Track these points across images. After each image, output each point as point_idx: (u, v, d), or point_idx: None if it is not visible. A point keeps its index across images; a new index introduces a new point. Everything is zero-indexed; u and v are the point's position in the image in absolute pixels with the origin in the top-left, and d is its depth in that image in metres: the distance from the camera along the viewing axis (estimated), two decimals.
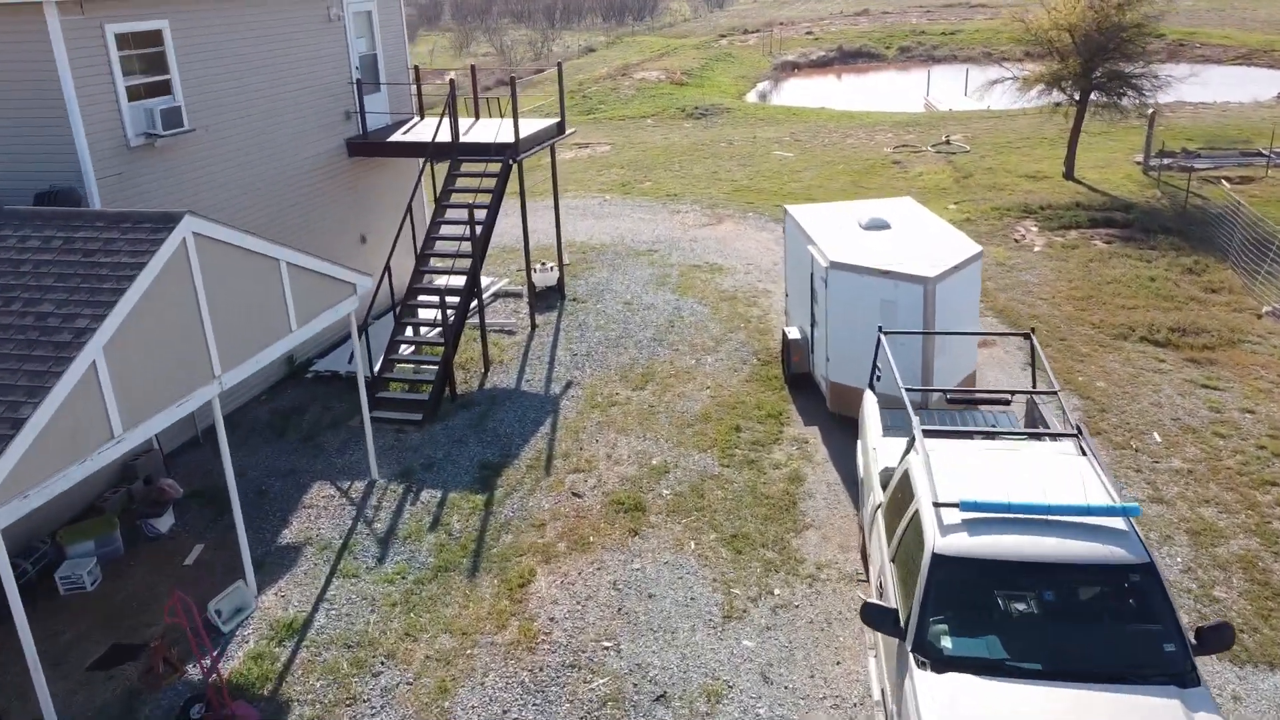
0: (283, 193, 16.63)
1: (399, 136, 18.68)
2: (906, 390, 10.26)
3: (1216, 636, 7.48)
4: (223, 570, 11.88)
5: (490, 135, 17.95)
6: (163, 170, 14.00)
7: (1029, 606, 7.70)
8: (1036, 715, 7.05)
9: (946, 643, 7.59)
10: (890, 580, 8.64)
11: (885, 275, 13.23)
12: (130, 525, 12.68)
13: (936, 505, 8.16)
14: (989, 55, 52.45)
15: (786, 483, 13.15)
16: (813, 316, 14.91)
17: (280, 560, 12.03)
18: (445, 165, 18.00)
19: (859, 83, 52.21)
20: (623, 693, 9.67)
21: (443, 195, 17.52)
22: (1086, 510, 7.81)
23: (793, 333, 15.78)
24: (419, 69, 20.28)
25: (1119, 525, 7.87)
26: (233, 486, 11.02)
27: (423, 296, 16.95)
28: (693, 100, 43.92)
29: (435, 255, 17.20)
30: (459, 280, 17.09)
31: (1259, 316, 17.84)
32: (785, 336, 15.87)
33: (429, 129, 18.69)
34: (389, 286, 17.24)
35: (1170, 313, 17.99)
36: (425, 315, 17.78)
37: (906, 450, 9.48)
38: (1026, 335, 11.64)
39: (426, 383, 15.95)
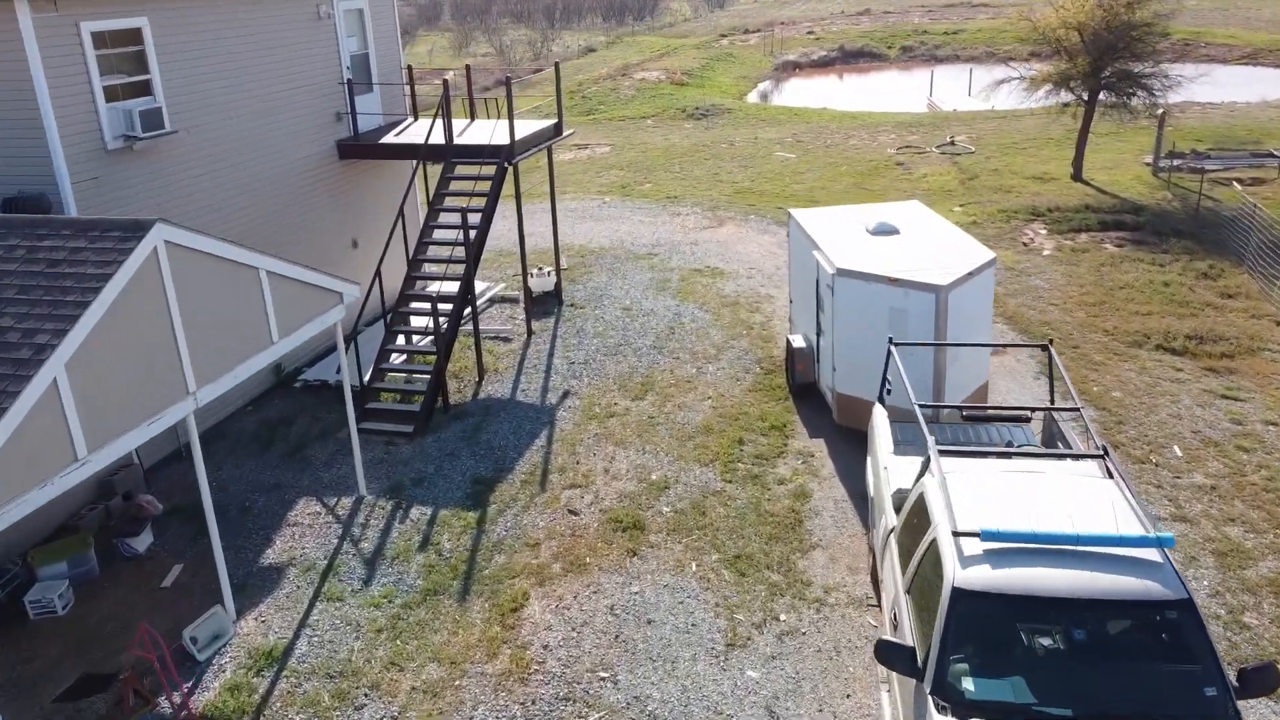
0: (271, 197, 16.09)
1: (392, 138, 18.14)
2: (919, 406, 9.72)
3: (1260, 678, 6.90)
4: (202, 593, 11.33)
5: (485, 137, 17.41)
6: (143, 174, 13.45)
7: (1057, 645, 7.14)
8: None
9: (968, 684, 7.04)
10: (905, 614, 8.09)
11: (895, 283, 12.69)
12: (107, 544, 12.15)
13: (956, 534, 7.61)
14: (992, 55, 51.96)
15: (792, 499, 12.60)
16: (818, 325, 14.36)
17: (262, 582, 11.49)
18: (440, 168, 17.46)
19: (861, 83, 51.68)
20: None
21: (436, 199, 16.98)
22: (1118, 541, 7.25)
23: (797, 341, 15.24)
24: (412, 69, 19.75)
25: (1153, 557, 7.32)
26: (209, 508, 10.46)
27: (415, 303, 16.41)
28: (693, 100, 43.36)
29: (428, 260, 16.66)
30: (452, 286, 16.54)
31: (1279, 324, 17.28)
32: (790, 345, 15.33)
33: (423, 130, 18.15)
34: (380, 293, 16.70)
35: (1186, 319, 17.43)
36: (417, 322, 17.23)
37: (921, 471, 8.93)
38: (1044, 346, 11.09)
39: (418, 393, 15.41)
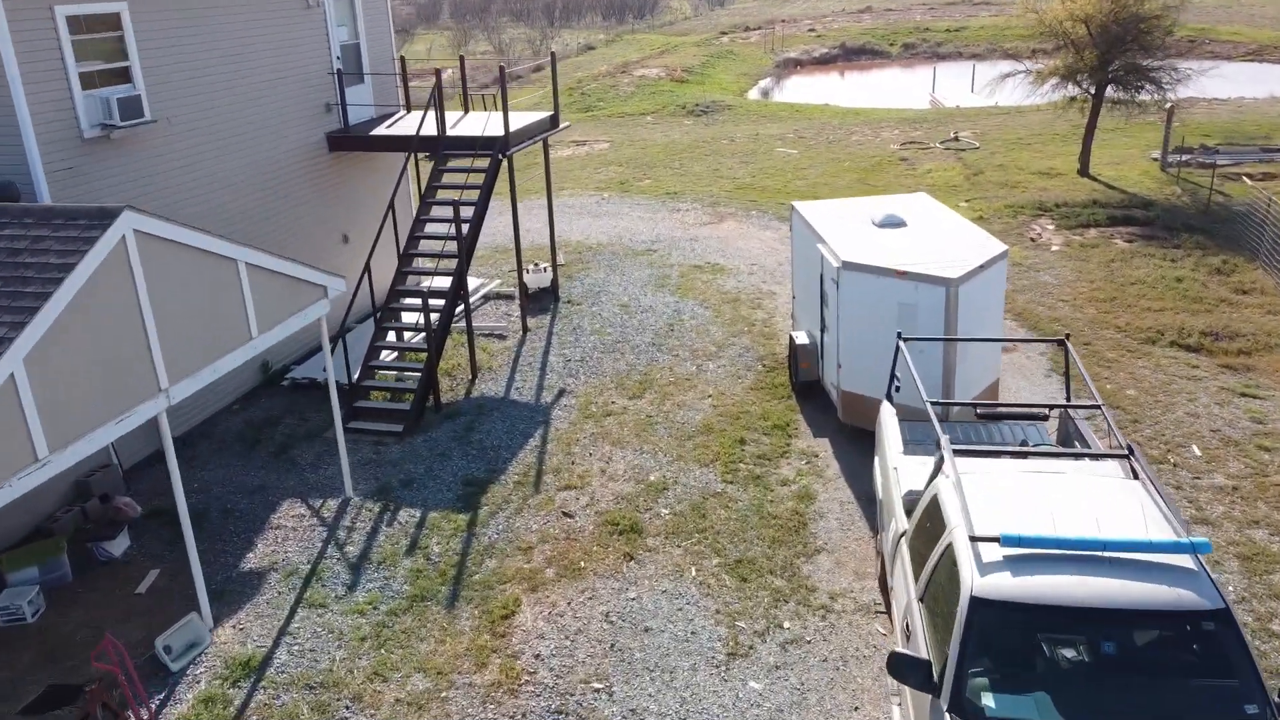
0: (257, 190, 15.58)
1: (383, 130, 17.64)
2: (931, 404, 9.22)
3: None
4: (180, 599, 10.83)
5: (480, 129, 16.91)
6: (121, 164, 12.96)
7: (1084, 659, 6.64)
8: None
9: (988, 701, 6.54)
10: (919, 623, 7.59)
11: (904, 276, 12.18)
12: (82, 548, 11.65)
13: (974, 539, 7.11)
14: (994, 51, 51.45)
15: (795, 501, 12.10)
16: (823, 320, 13.86)
17: (242, 588, 10.99)
18: (432, 161, 16.97)
19: (862, 80, 51.16)
20: None
21: (428, 192, 16.49)
22: (1148, 546, 6.75)
23: (800, 338, 14.74)
24: (405, 59, 19.26)
25: (1187, 564, 6.82)
26: (183, 510, 9.96)
27: (406, 299, 15.91)
28: (693, 97, 42.85)
29: (420, 255, 16.16)
30: (445, 282, 16.05)
31: None
32: (792, 341, 14.83)
33: (415, 123, 17.65)
34: (370, 289, 16.20)
35: (1201, 315, 16.93)
36: (408, 319, 16.74)
37: (934, 472, 8.43)
38: (1061, 342, 10.59)
39: (409, 391, 14.92)
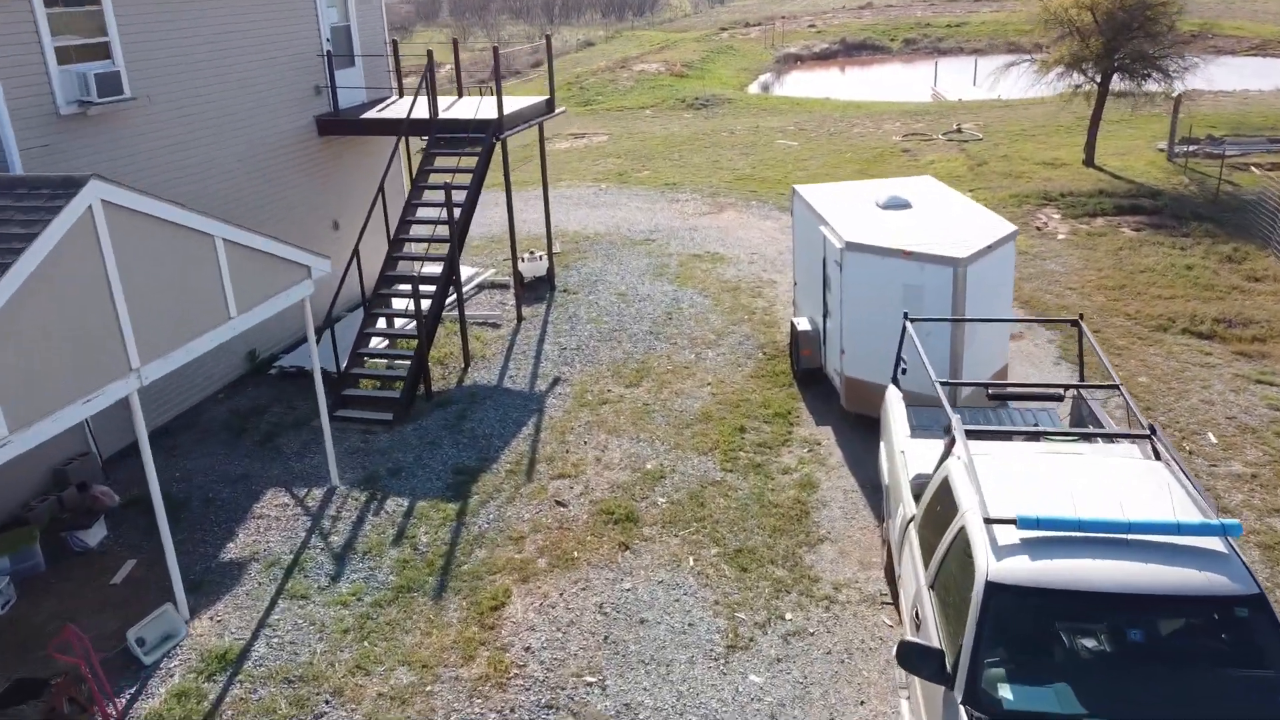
0: (244, 173, 15.15)
1: (374, 114, 17.21)
2: (940, 384, 8.79)
3: None
4: (156, 590, 10.40)
5: (472, 112, 16.48)
6: (99, 143, 12.51)
7: (1108, 648, 6.21)
8: None
9: (1005, 693, 6.11)
10: (929, 612, 7.15)
11: (909, 257, 11.75)
12: (56, 538, 11.22)
13: (989, 522, 6.67)
14: (996, 46, 51.02)
15: (797, 490, 11.66)
16: (825, 305, 13.43)
17: (221, 579, 10.55)
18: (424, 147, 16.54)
19: (863, 75, 50.71)
20: None
21: (419, 176, 16.06)
22: (1176, 528, 6.32)
23: (802, 324, 14.31)
24: (397, 43, 18.83)
25: (1217, 546, 6.39)
26: (156, 495, 9.52)
27: (396, 285, 15.47)
28: (693, 91, 42.42)
29: (411, 240, 15.73)
30: (437, 268, 15.62)
31: None
32: (794, 328, 14.40)
33: (407, 107, 17.21)
34: (359, 277, 15.77)
35: (1212, 303, 16.49)
36: (399, 305, 16.31)
37: (945, 454, 8.00)
38: (1074, 322, 10.16)
39: (398, 379, 14.48)
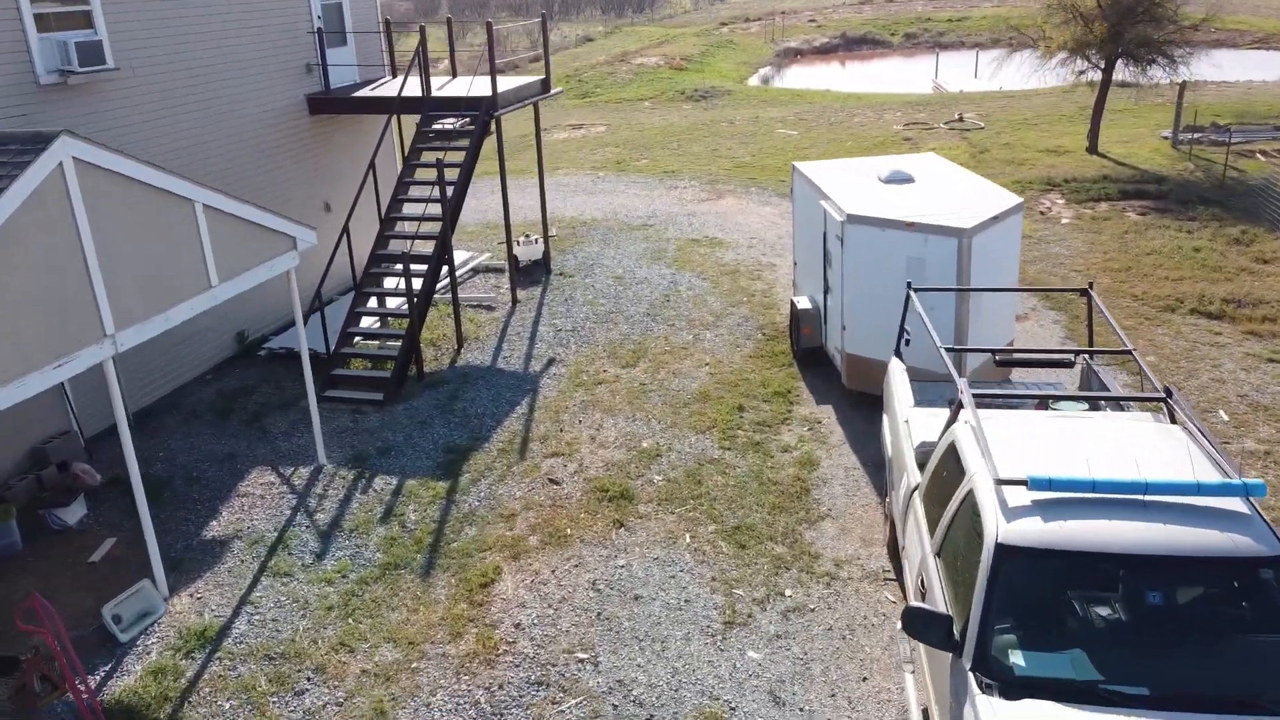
0: (232, 151, 14.82)
1: (366, 92, 16.89)
2: (946, 350, 8.47)
3: None
4: (136, 568, 10.08)
5: (465, 90, 16.16)
6: (80, 114, 12.18)
7: (1123, 613, 5.89)
8: None
9: (1018, 659, 5.79)
10: (935, 580, 6.83)
11: (912, 229, 11.43)
12: (34, 515, 10.90)
13: (999, 483, 6.35)
14: (997, 40, 50.69)
15: (797, 468, 11.34)
16: (826, 282, 13.11)
17: (202, 556, 10.23)
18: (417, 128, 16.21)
19: (863, 69, 50.38)
20: (600, 716, 7.88)
21: (412, 154, 15.74)
22: (1196, 489, 6.00)
23: (802, 302, 13.99)
24: (390, 21, 18.51)
25: (1239, 507, 6.07)
26: (134, 470, 9.19)
27: (387, 264, 15.15)
28: (692, 83, 42.12)
29: (403, 219, 15.41)
30: (429, 248, 15.30)
31: None
32: (794, 307, 14.08)
33: (399, 85, 16.90)
34: (349, 254, 15.45)
35: (1221, 284, 16.17)
36: (391, 284, 15.99)
37: (951, 419, 7.68)
38: (1084, 291, 9.85)
39: (389, 358, 14.16)
